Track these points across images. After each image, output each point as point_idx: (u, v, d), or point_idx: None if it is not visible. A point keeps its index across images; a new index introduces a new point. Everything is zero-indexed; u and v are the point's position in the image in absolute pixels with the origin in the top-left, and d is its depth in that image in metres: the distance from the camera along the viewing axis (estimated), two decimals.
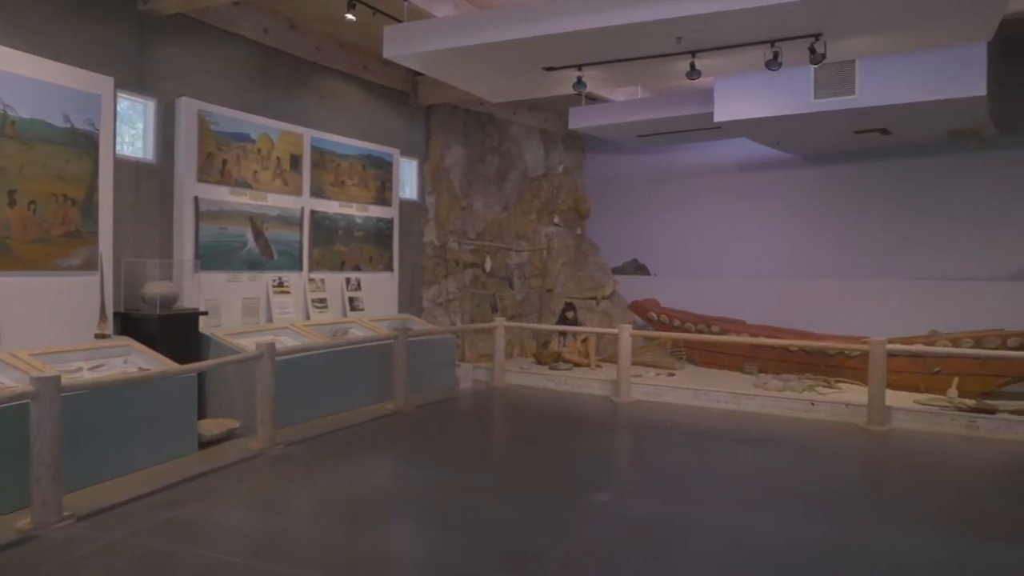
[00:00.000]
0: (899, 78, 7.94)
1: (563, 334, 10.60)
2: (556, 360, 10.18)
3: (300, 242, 8.29)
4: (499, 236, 11.52)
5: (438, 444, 6.65)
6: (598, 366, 10.14)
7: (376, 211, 9.42)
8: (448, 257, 10.66)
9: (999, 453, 6.36)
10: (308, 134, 8.36)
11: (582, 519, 4.60)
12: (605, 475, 5.82)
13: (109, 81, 6.16)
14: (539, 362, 10.33)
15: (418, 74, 9.73)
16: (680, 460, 6.19)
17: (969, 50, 7.52)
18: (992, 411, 7.12)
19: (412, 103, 10.21)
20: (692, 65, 6.79)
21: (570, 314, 10.75)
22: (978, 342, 7.85)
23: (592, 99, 10.75)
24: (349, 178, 8.98)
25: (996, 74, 8.24)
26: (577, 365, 10.14)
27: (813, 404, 7.78)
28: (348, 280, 8.96)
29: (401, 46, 7.01)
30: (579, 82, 7.33)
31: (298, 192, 8.25)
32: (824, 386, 8.58)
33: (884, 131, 9.47)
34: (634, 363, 9.11)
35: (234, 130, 7.44)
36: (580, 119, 10.92)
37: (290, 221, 8.15)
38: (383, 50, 7.06)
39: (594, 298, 12.10)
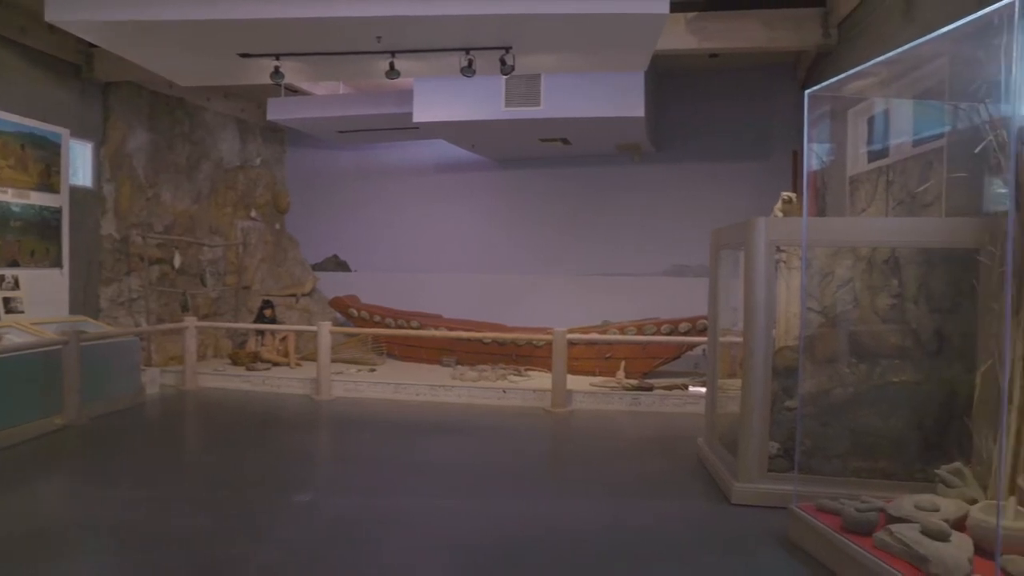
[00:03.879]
0: (576, 95, 8.84)
1: (261, 333, 10.20)
2: (254, 360, 9.76)
3: None
4: (190, 230, 10.73)
5: (120, 457, 6.04)
6: (298, 364, 9.92)
7: (39, 198, 8.25)
8: (131, 252, 9.68)
9: (655, 424, 7.38)
10: None
11: (282, 521, 4.49)
12: (306, 475, 5.73)
13: None
14: (235, 363, 9.83)
15: (93, 45, 8.69)
16: (382, 454, 6.30)
17: (630, 77, 8.62)
18: (650, 388, 8.26)
19: (86, 78, 9.06)
20: (391, 65, 6.93)
21: (268, 312, 10.37)
22: (640, 329, 9.05)
23: (292, 91, 10.46)
24: (4, 159, 7.76)
25: (652, 100, 9.55)
26: (276, 364, 9.82)
27: (505, 392, 8.37)
28: (3, 278, 7.74)
29: (67, 10, 6.13)
30: (277, 72, 7.09)
31: None
32: (515, 374, 9.27)
33: (565, 141, 10.47)
34: (335, 360, 9.06)
35: None
36: (279, 111, 10.57)
37: None
38: (45, 12, 6.17)
39: (294, 295, 11.80)
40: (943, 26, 3.39)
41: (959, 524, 3.56)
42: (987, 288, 4.29)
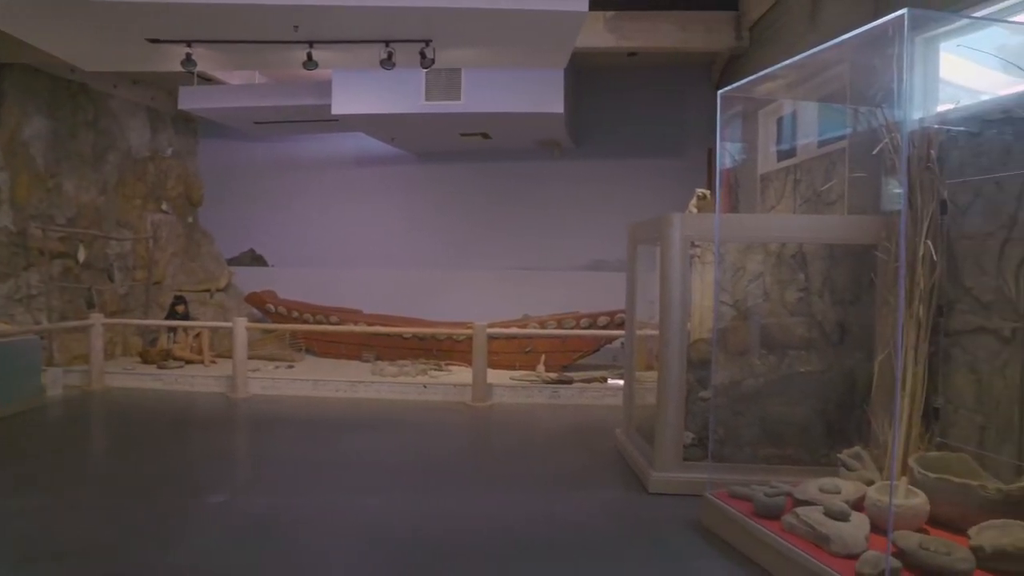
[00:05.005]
0: (497, 90, 8.87)
1: (173, 330, 9.86)
2: (165, 358, 9.43)
3: None
4: (96, 223, 10.27)
5: (19, 464, 5.71)
6: (213, 362, 9.64)
7: None
8: (30, 245, 9.19)
9: (575, 416, 7.50)
10: None
11: (196, 524, 4.36)
12: (222, 475, 5.57)
13: None
14: (146, 361, 9.47)
15: None
16: (300, 451, 6.19)
17: (550, 74, 8.71)
18: (569, 381, 8.38)
19: None
20: (309, 56, 6.80)
21: (180, 308, 10.03)
22: (559, 323, 9.18)
23: (206, 79, 10.14)
24: None
25: (572, 97, 9.68)
26: (189, 362, 9.52)
27: (426, 387, 8.35)
28: None
29: None
30: (188, 60, 6.86)
31: None
32: (435, 369, 9.25)
33: (486, 135, 10.50)
34: (252, 357, 8.86)
35: None
36: (191, 100, 10.22)
37: None
38: None
39: (208, 290, 11.46)
40: (844, 34, 3.56)
41: (858, 504, 3.77)
42: (884, 282, 4.54)
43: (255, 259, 12.51)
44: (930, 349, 4.19)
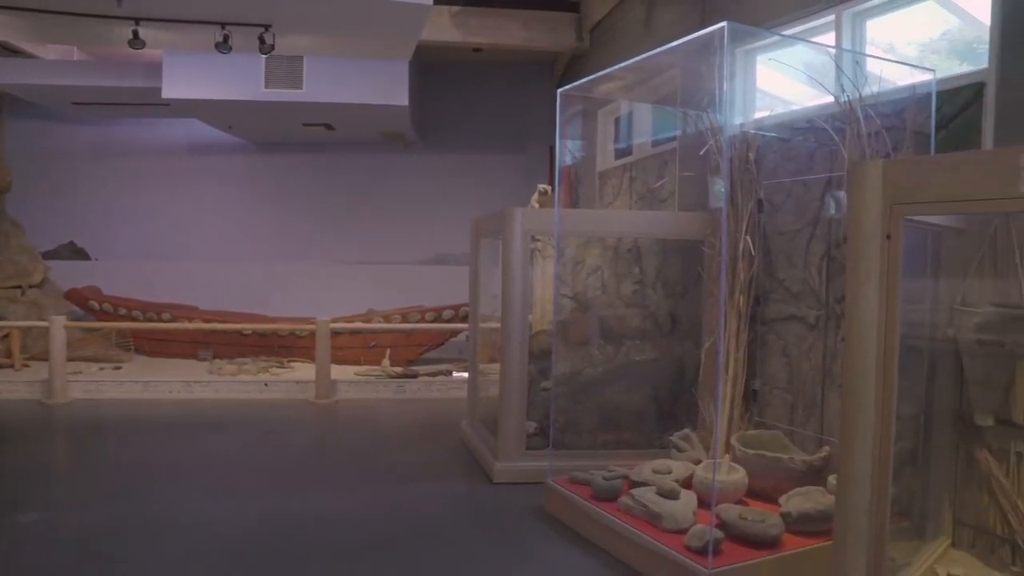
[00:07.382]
0: (340, 80, 8.69)
1: None
2: None
3: None
4: None
5: None
6: (25, 365, 8.79)
7: None
8: None
9: (420, 410, 7.50)
10: None
11: (3, 548, 3.96)
12: (35, 491, 5.07)
13: None
14: None
15: None
16: (127, 459, 5.78)
17: (395, 66, 8.63)
18: (415, 375, 8.37)
19: None
20: (135, 33, 6.36)
21: None
22: (404, 317, 9.13)
23: (11, 51, 9.20)
24: None
25: (417, 90, 9.65)
26: None
27: (267, 385, 8.05)
28: None
29: None
30: None
31: None
32: (277, 366, 8.94)
33: (329, 126, 10.25)
34: (72, 358, 8.16)
35: None
36: None
37: None
38: None
39: (19, 287, 10.43)
40: (674, 41, 3.78)
41: (687, 482, 4.03)
42: (709, 275, 4.87)
43: (75, 252, 11.54)
44: (749, 336, 4.55)
